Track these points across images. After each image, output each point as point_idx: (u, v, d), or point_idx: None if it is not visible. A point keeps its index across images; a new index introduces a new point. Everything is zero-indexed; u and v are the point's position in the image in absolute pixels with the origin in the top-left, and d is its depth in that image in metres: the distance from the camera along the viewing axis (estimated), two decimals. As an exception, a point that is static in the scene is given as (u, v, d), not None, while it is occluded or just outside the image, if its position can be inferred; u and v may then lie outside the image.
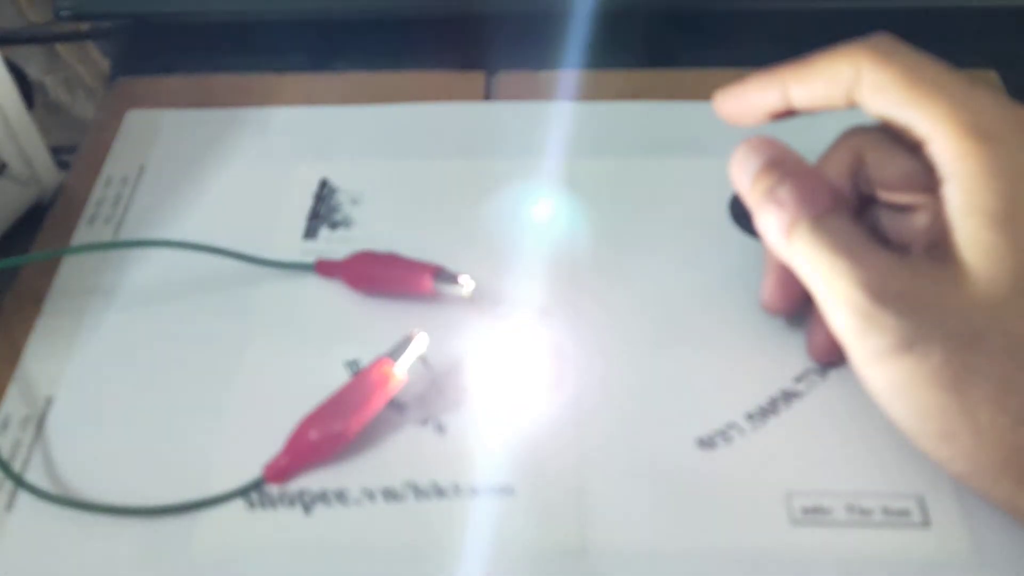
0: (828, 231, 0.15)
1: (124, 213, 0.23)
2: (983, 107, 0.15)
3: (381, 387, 0.18)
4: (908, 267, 0.14)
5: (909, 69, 0.15)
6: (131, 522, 0.17)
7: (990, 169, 0.14)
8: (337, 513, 0.17)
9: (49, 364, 0.20)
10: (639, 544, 0.17)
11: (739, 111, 0.18)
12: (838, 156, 0.17)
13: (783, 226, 0.15)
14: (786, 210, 0.15)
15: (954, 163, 0.14)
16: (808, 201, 0.15)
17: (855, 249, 0.15)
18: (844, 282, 0.14)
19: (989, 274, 0.13)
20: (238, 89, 0.27)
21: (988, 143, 0.14)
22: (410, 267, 0.20)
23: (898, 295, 0.14)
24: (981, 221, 0.14)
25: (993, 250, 0.13)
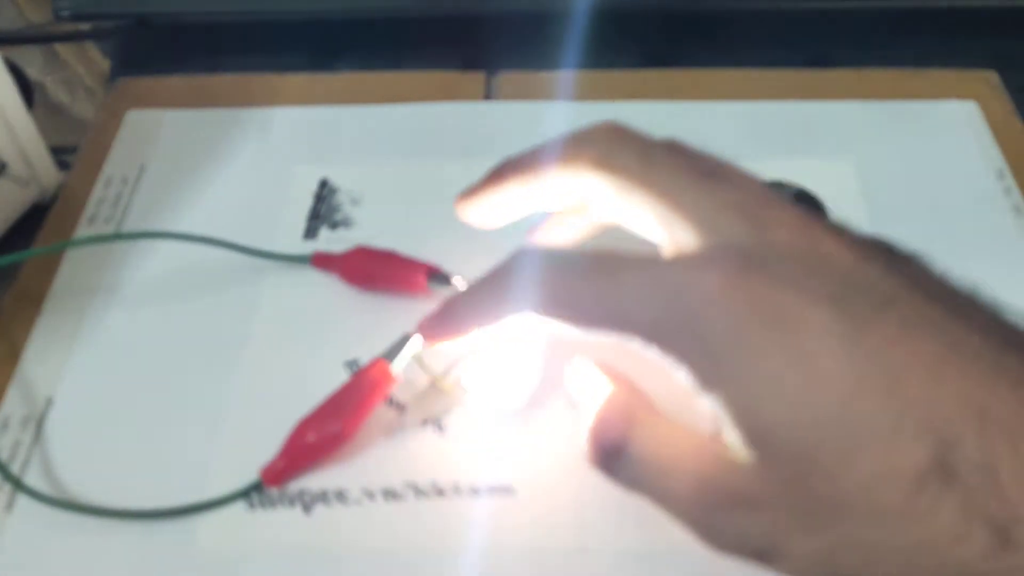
0: (636, 460, 0.14)
1: (124, 213, 0.23)
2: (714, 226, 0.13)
3: (377, 388, 0.18)
4: (719, 466, 0.13)
5: (563, 300, 0.14)
6: (131, 525, 0.17)
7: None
8: (337, 513, 0.17)
9: (49, 365, 0.20)
10: (639, 544, 0.17)
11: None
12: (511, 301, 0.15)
13: (598, 463, 0.14)
14: (594, 451, 0.14)
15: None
16: (607, 434, 0.14)
17: (667, 469, 0.13)
18: (674, 507, 0.13)
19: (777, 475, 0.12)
20: (238, 89, 0.27)
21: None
22: (405, 265, 0.20)
23: (723, 500, 0.12)
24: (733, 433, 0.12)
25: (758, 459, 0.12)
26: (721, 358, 0.12)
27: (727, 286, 0.12)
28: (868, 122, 0.25)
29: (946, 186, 0.24)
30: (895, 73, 0.27)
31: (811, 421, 0.11)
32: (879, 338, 0.11)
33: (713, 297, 0.12)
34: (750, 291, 0.12)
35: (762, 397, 0.12)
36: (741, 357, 0.12)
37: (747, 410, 0.12)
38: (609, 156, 0.15)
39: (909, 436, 0.11)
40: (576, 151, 0.16)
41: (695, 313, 0.12)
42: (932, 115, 0.25)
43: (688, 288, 0.12)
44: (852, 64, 0.28)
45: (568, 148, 0.16)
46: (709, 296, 0.12)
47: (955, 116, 0.25)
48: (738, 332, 0.12)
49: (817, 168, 0.24)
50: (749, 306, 0.12)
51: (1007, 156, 0.24)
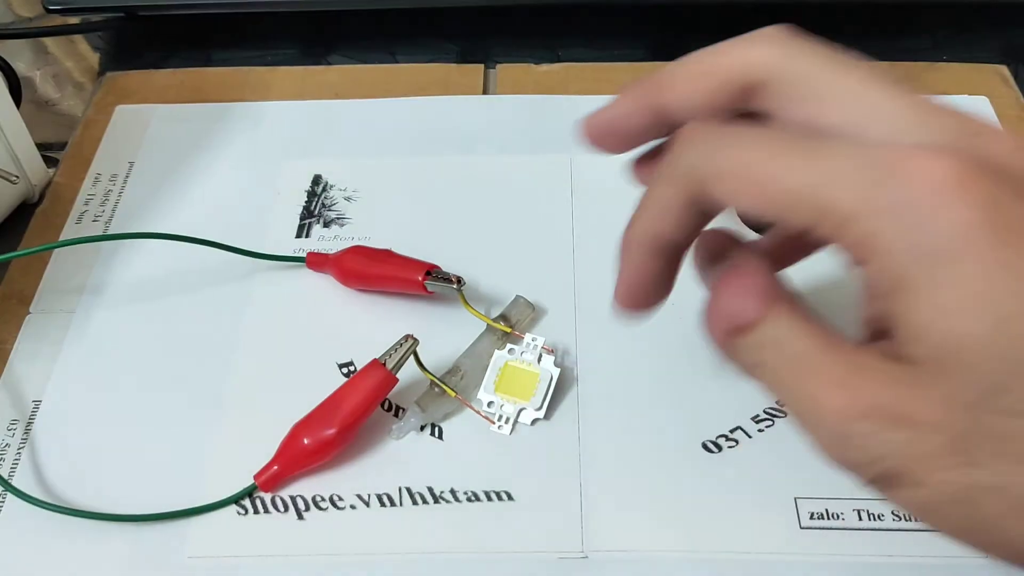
0: (757, 346, 0.12)
1: (113, 210, 0.23)
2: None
3: (373, 391, 0.17)
4: (870, 374, 0.11)
5: (745, 179, 0.12)
6: (122, 529, 0.17)
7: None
8: (331, 519, 0.17)
9: (36, 366, 0.20)
10: (641, 549, 0.16)
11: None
12: (672, 193, 0.13)
13: (718, 337, 0.13)
14: (717, 319, 0.13)
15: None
16: (741, 308, 0.12)
17: (804, 362, 0.12)
18: (803, 406, 0.12)
19: (970, 372, 0.11)
20: (229, 83, 0.26)
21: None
22: (402, 264, 0.20)
23: (870, 412, 0.11)
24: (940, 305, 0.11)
25: (967, 343, 0.11)
26: (934, 257, 0.11)
27: (962, 180, 0.11)
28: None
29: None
30: (905, 67, 0.26)
31: (1012, 346, 0.10)
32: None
33: (943, 187, 0.11)
34: (986, 192, 0.11)
35: (969, 311, 0.11)
36: (959, 261, 0.11)
37: (946, 319, 0.11)
38: (786, 59, 0.13)
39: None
40: (730, 56, 0.14)
41: (915, 200, 0.11)
42: (942, 108, 0.25)
43: (914, 171, 0.11)
44: (861, 57, 0.27)
45: (723, 54, 0.14)
46: (938, 185, 0.11)
47: (966, 110, 0.25)
48: (965, 233, 0.10)
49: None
50: (984, 208, 0.10)
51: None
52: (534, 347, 0.19)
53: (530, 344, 0.19)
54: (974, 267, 0.11)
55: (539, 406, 0.18)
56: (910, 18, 0.29)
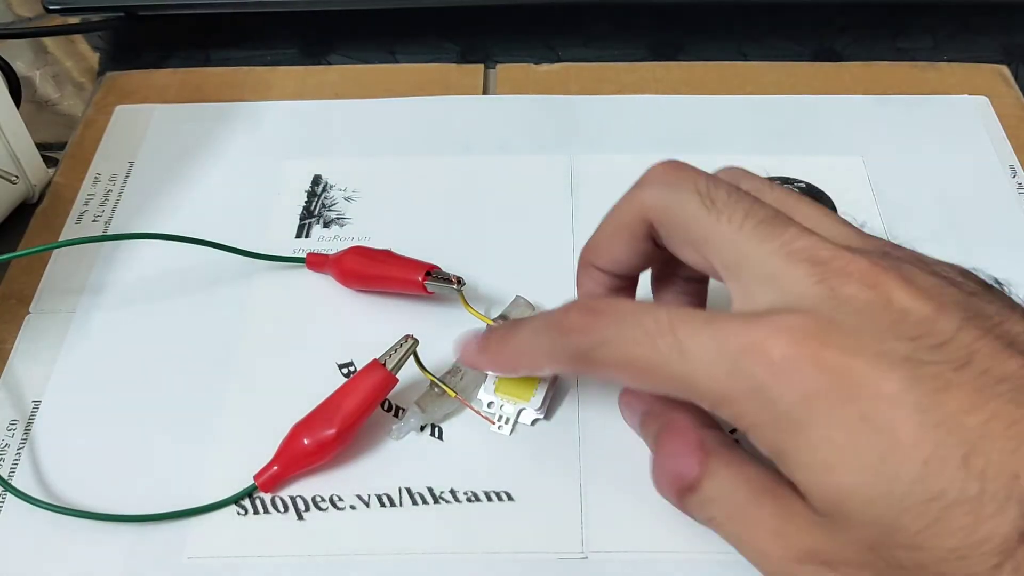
0: (706, 503, 0.13)
1: (113, 210, 0.23)
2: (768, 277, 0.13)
3: (373, 391, 0.17)
4: (797, 522, 0.12)
5: (628, 367, 0.13)
6: (121, 529, 0.17)
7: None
8: (331, 519, 0.17)
9: (36, 366, 0.20)
10: (641, 550, 0.16)
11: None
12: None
13: (672, 496, 0.14)
14: (666, 482, 0.14)
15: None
16: (680, 470, 0.14)
17: (745, 515, 0.13)
18: (752, 554, 0.13)
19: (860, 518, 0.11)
20: (229, 83, 0.26)
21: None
22: (403, 265, 0.20)
23: (804, 558, 0.12)
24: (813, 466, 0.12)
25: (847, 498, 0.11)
26: (790, 428, 0.12)
27: (796, 355, 0.12)
28: (878, 117, 0.25)
29: (957, 182, 0.23)
30: (905, 67, 0.26)
31: (889, 492, 0.11)
32: (955, 405, 0.11)
33: (781, 366, 0.12)
34: (819, 359, 0.11)
35: (836, 467, 0.11)
36: (812, 428, 0.12)
37: (821, 479, 0.12)
38: (668, 205, 0.14)
39: (993, 506, 0.11)
40: (630, 204, 0.15)
41: (762, 382, 0.12)
42: (943, 110, 0.25)
43: (754, 355, 0.12)
44: (861, 58, 0.27)
45: (624, 204, 0.15)
46: (777, 365, 0.12)
47: (966, 111, 0.25)
48: (808, 403, 0.12)
49: (826, 163, 0.23)
50: (818, 375, 0.11)
51: (1019, 151, 0.24)
52: None
53: None
54: (827, 431, 0.11)
55: (539, 406, 0.18)
56: (910, 18, 0.29)
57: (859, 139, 0.24)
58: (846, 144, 0.24)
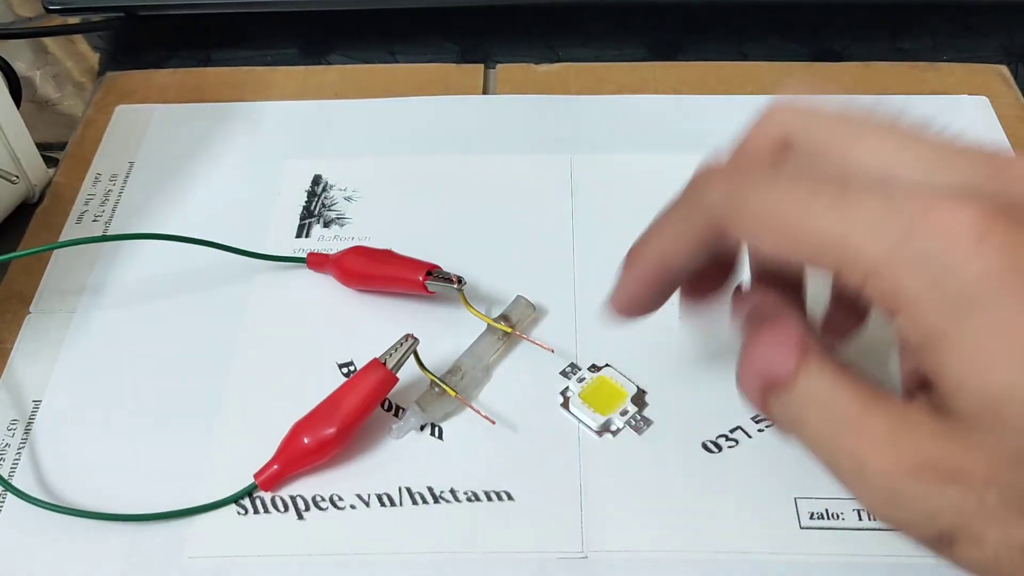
0: (795, 404, 0.12)
1: (113, 210, 0.23)
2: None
3: (373, 391, 0.17)
4: (917, 429, 0.11)
5: (769, 222, 0.12)
6: (121, 528, 0.17)
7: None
8: (331, 519, 0.17)
9: (36, 366, 0.20)
10: (641, 550, 0.16)
11: (641, 306, 0.15)
12: (690, 231, 0.13)
13: (753, 392, 0.13)
14: (751, 376, 0.12)
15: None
16: (773, 363, 0.12)
17: (846, 419, 0.11)
18: (847, 466, 0.11)
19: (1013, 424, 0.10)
20: (229, 83, 0.26)
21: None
22: (403, 265, 0.20)
23: (919, 469, 0.11)
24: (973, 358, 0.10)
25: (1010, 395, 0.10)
26: (958, 310, 0.10)
27: (986, 228, 0.10)
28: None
29: (956, 182, 0.23)
30: (905, 67, 0.26)
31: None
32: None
33: (968, 237, 0.10)
34: (1011, 236, 0.10)
35: (1002, 360, 0.10)
36: (985, 312, 0.10)
37: (980, 373, 0.10)
38: (807, 104, 0.13)
39: None
40: (770, 107, 0.13)
41: (940, 251, 0.10)
42: (942, 110, 0.25)
43: (937, 222, 0.10)
44: (861, 58, 0.27)
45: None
46: (962, 235, 0.10)
47: (966, 111, 0.25)
48: (988, 282, 0.10)
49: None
50: (1007, 253, 0.10)
51: (1018, 151, 0.24)
52: (573, 371, 0.18)
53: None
54: (1003, 317, 0.10)
55: (635, 389, 0.18)
56: (910, 18, 0.29)
57: (859, 139, 0.24)
58: (846, 144, 0.24)
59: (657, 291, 0.15)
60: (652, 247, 0.15)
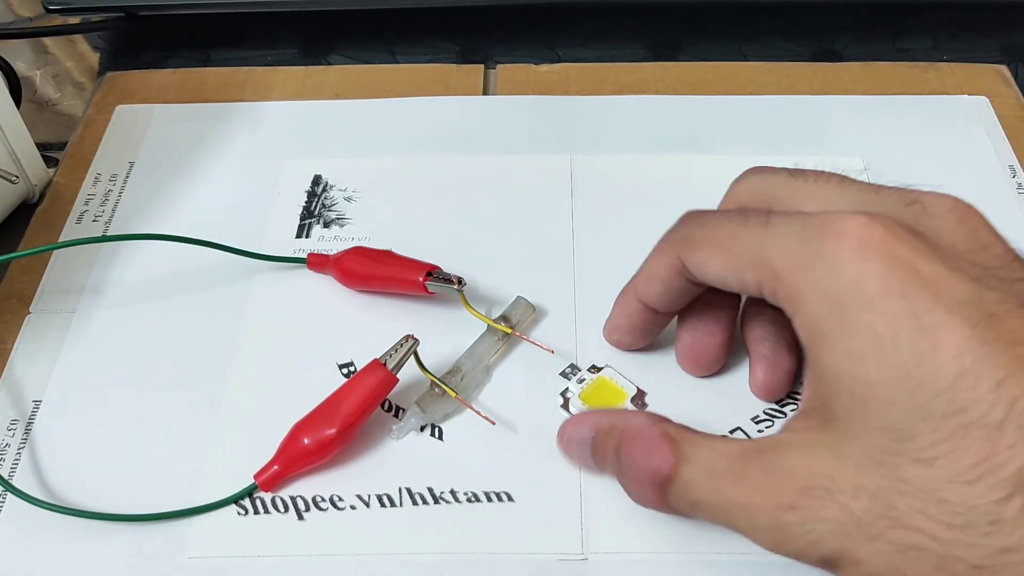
0: (688, 488, 0.13)
1: (113, 210, 0.23)
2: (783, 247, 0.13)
3: (374, 391, 0.17)
4: (786, 456, 0.12)
5: (712, 244, 0.14)
6: (121, 528, 0.17)
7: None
8: (331, 519, 0.17)
9: (36, 366, 0.20)
10: (641, 550, 0.16)
11: (626, 336, 0.18)
12: (664, 258, 0.16)
13: (652, 499, 0.14)
14: (643, 484, 0.14)
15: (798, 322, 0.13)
16: (653, 465, 0.13)
17: (728, 478, 0.13)
18: (739, 517, 0.13)
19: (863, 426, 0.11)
20: (229, 83, 0.26)
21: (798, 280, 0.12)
22: (404, 265, 0.20)
23: (795, 501, 0.12)
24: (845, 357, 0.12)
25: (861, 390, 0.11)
26: (839, 309, 0.12)
27: (871, 239, 0.12)
28: (877, 117, 0.25)
29: (957, 182, 0.23)
30: (905, 67, 0.26)
31: (912, 396, 0.11)
32: (1008, 334, 0.11)
33: (853, 245, 0.12)
34: (892, 250, 0.11)
35: (869, 358, 0.11)
36: (860, 312, 0.11)
37: (852, 369, 0.11)
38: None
39: (1014, 437, 0.10)
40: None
41: (828, 255, 0.12)
42: (942, 110, 0.25)
43: (828, 230, 0.12)
44: (861, 58, 0.27)
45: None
46: (849, 242, 0.12)
47: (966, 111, 0.25)
48: (865, 285, 0.11)
49: (826, 163, 0.23)
50: (885, 262, 0.11)
51: (1018, 152, 0.24)
52: (573, 372, 0.19)
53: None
54: (874, 317, 0.11)
55: (635, 389, 0.18)
56: (910, 18, 0.29)
57: (859, 139, 0.24)
58: (846, 144, 0.24)
59: (639, 325, 0.17)
60: (634, 284, 0.17)
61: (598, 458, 0.16)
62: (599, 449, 0.15)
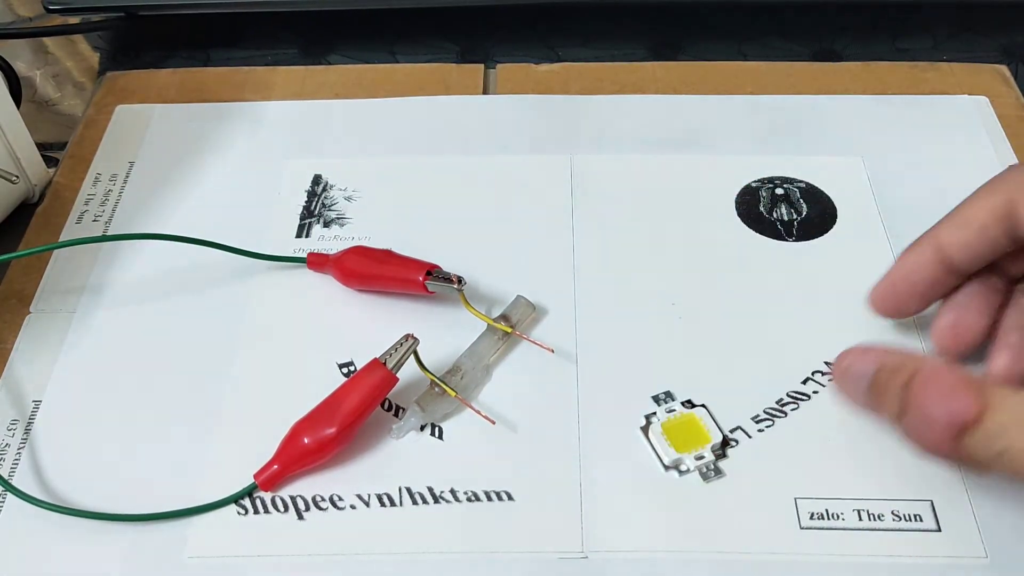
0: (996, 434, 0.12)
1: (113, 210, 0.23)
2: None
3: (373, 391, 0.17)
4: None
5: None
6: (121, 528, 0.17)
7: None
8: (331, 519, 0.17)
9: (36, 366, 0.20)
10: (641, 550, 0.16)
11: (900, 297, 0.16)
12: (988, 203, 0.15)
13: (944, 444, 0.13)
14: (938, 428, 0.13)
15: None
16: (954, 409, 0.12)
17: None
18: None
19: None
20: (229, 83, 0.26)
21: None
22: (403, 265, 0.20)
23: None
24: None
25: None
26: None
27: None
28: (877, 117, 0.25)
29: (957, 182, 0.23)
30: (905, 67, 0.26)
31: None
32: None
33: None
34: None
35: None
36: None
37: None
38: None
39: None
40: (998, 182, 0.14)
41: None
42: (942, 110, 0.25)
43: None
44: (861, 58, 0.27)
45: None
46: None
47: (966, 111, 0.25)
48: None
49: (826, 163, 0.23)
50: None
51: (1018, 151, 0.24)
52: (666, 400, 0.18)
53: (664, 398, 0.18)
54: None
55: (720, 436, 0.17)
56: (910, 18, 0.29)
57: (859, 139, 0.24)
58: (846, 144, 0.24)
59: (924, 282, 0.15)
60: (935, 231, 0.15)
61: (875, 395, 0.14)
62: (880, 386, 0.14)
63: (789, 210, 0.22)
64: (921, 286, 0.16)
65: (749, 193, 0.23)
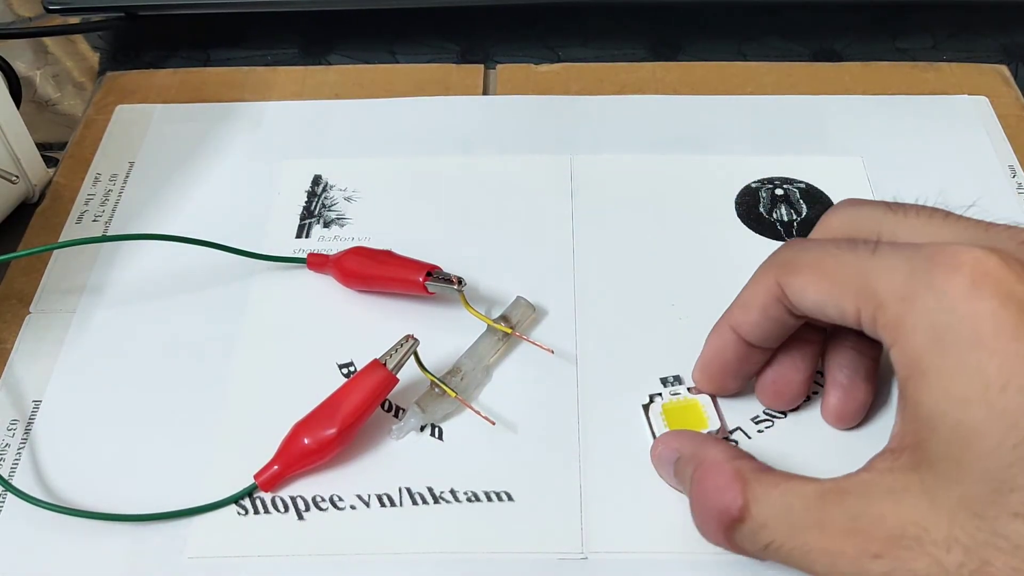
0: (758, 530, 0.13)
1: (113, 210, 0.23)
2: (890, 276, 0.12)
3: (374, 391, 0.17)
4: (874, 501, 0.11)
5: (815, 270, 0.14)
6: (121, 528, 0.17)
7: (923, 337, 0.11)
8: (331, 519, 0.17)
9: (36, 366, 0.20)
10: (641, 550, 0.16)
11: (715, 377, 0.17)
12: (762, 285, 0.15)
13: (719, 536, 0.13)
14: (712, 523, 0.13)
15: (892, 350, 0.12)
16: (722, 504, 0.13)
17: (807, 523, 0.12)
18: (820, 563, 0.12)
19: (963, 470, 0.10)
20: (229, 83, 0.26)
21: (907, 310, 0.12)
22: (404, 265, 0.20)
23: (883, 549, 0.11)
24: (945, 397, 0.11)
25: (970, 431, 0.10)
26: (946, 345, 0.11)
27: (984, 272, 0.11)
28: (877, 117, 0.25)
29: (957, 182, 0.23)
30: (905, 67, 0.26)
31: (1019, 446, 0.10)
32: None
33: (964, 277, 0.11)
34: (1011, 287, 0.11)
35: (974, 401, 0.10)
36: (971, 351, 0.11)
37: (956, 410, 0.11)
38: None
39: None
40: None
41: (937, 287, 0.11)
42: (942, 110, 0.25)
43: (939, 262, 0.11)
44: (861, 58, 0.27)
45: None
46: (960, 274, 0.11)
47: (966, 111, 0.25)
48: (978, 323, 0.11)
49: (825, 163, 0.23)
50: (1004, 301, 0.11)
51: (1018, 152, 0.24)
52: (674, 384, 0.18)
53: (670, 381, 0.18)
54: (988, 358, 0.11)
55: (720, 424, 0.17)
56: (910, 18, 0.29)
57: (859, 139, 0.24)
58: (846, 144, 0.24)
59: (734, 360, 0.16)
60: (728, 313, 0.16)
61: (679, 482, 0.15)
62: (680, 474, 0.15)
63: (789, 211, 0.22)
64: (733, 364, 0.16)
65: (749, 193, 0.23)
